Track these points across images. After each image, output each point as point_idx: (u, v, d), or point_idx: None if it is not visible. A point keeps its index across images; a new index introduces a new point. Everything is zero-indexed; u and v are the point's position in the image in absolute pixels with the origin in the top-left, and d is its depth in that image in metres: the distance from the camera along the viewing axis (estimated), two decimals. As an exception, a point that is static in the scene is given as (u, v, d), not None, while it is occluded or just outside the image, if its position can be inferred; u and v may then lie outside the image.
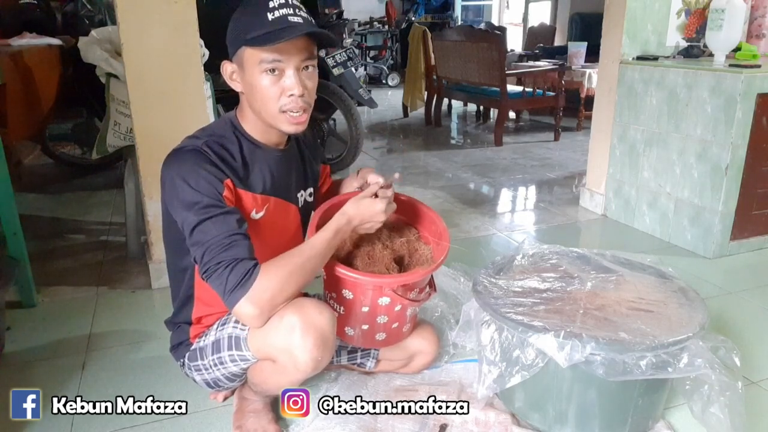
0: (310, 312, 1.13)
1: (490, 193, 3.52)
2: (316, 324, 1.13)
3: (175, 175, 1.14)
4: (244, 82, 1.18)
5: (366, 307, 1.30)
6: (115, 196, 3.23)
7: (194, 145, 1.17)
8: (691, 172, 2.43)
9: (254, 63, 1.14)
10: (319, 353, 1.13)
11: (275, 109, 1.17)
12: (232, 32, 1.16)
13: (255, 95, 1.17)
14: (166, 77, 1.97)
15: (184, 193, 1.12)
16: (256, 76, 1.15)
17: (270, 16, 1.11)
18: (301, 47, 1.15)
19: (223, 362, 1.26)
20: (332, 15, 5.84)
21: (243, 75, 1.18)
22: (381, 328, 1.35)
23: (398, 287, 1.27)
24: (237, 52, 1.16)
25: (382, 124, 5.96)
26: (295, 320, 1.11)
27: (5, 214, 1.86)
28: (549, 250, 1.64)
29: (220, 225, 1.10)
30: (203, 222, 1.10)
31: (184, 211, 1.12)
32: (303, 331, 1.11)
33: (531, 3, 8.66)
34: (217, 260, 1.08)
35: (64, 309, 2.02)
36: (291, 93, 1.15)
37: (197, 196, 1.11)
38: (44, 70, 2.92)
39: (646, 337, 1.20)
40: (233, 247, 1.09)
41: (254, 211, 1.25)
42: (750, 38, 2.80)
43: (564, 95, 4.89)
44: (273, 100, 1.16)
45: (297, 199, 1.38)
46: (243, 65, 1.16)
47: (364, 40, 9.04)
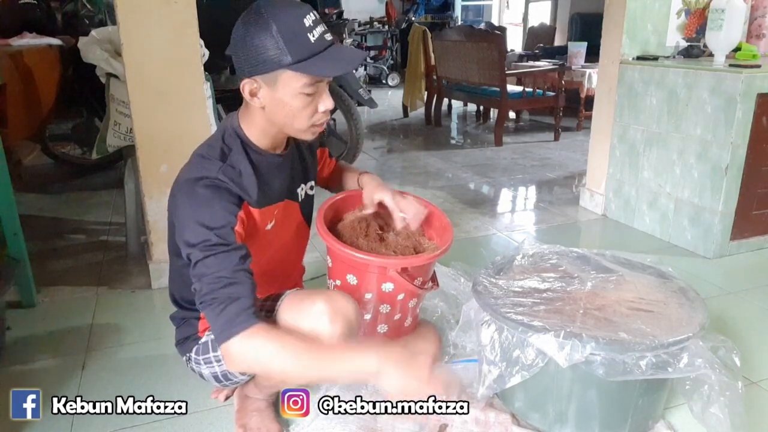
0: (338, 300, 1.17)
1: (490, 193, 3.52)
2: (344, 311, 1.16)
3: (188, 207, 1.12)
4: (272, 99, 1.14)
5: (370, 293, 1.31)
6: (115, 196, 3.23)
7: (210, 176, 1.13)
8: (691, 172, 2.43)
9: (295, 85, 1.11)
10: (344, 340, 1.15)
11: (306, 125, 1.18)
12: (259, 52, 1.09)
13: (285, 112, 1.15)
14: (166, 77, 1.97)
15: (194, 227, 1.09)
16: (292, 96, 1.13)
17: (311, 37, 1.09)
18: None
19: None
20: (332, 15, 5.84)
21: (273, 93, 1.13)
22: (383, 318, 1.37)
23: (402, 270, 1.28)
24: (271, 73, 1.10)
25: (382, 124, 5.96)
26: (324, 307, 1.14)
27: (5, 214, 1.86)
28: (549, 250, 1.64)
29: (224, 261, 1.07)
30: (207, 258, 1.08)
31: (190, 247, 1.09)
32: (332, 317, 1.14)
33: (531, 3, 8.66)
34: (213, 296, 1.06)
35: (64, 309, 2.02)
36: (326, 109, 1.17)
37: (207, 234, 1.08)
38: (44, 70, 2.92)
39: (646, 337, 1.20)
40: (233, 285, 1.06)
41: (268, 224, 1.26)
42: (750, 38, 2.80)
43: (564, 95, 4.89)
44: (307, 118, 1.17)
45: (298, 195, 1.40)
46: (276, 85, 1.12)
47: (364, 40, 9.03)
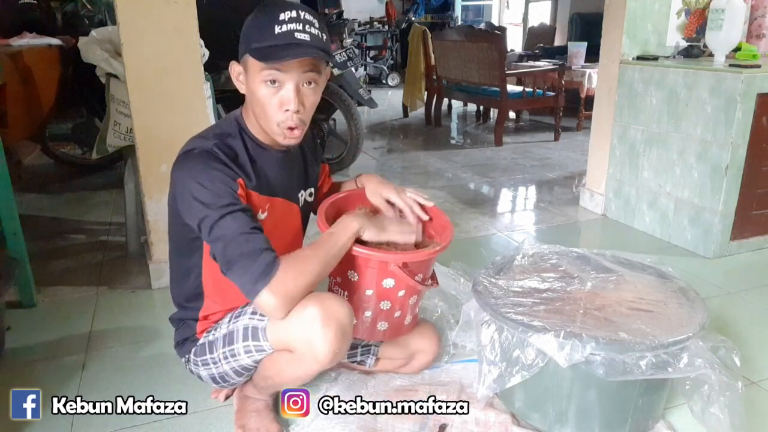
0: (330, 304, 1.15)
1: (490, 193, 3.52)
2: (337, 316, 1.15)
3: (188, 176, 1.15)
4: (248, 87, 1.20)
5: (370, 290, 1.31)
6: (115, 196, 3.23)
7: (204, 146, 1.18)
8: (691, 172, 2.43)
9: (256, 72, 1.15)
10: (338, 345, 1.15)
11: (272, 120, 1.19)
12: (243, 35, 1.17)
13: (255, 102, 1.20)
14: (166, 77, 1.97)
15: (200, 194, 1.13)
16: (257, 84, 1.16)
17: (277, 29, 1.11)
18: (304, 63, 1.15)
19: (236, 354, 1.26)
20: (332, 15, 5.85)
21: (247, 80, 1.20)
22: (383, 316, 1.36)
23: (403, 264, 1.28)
24: (243, 58, 1.18)
25: (382, 124, 5.96)
26: (316, 312, 1.13)
27: (5, 214, 1.86)
28: (549, 250, 1.64)
29: (239, 220, 1.12)
30: (223, 218, 1.12)
31: (202, 210, 1.13)
32: (324, 322, 1.13)
33: (531, 3, 8.66)
34: (239, 252, 1.10)
35: (64, 309, 2.02)
36: (287, 108, 1.17)
37: (213, 196, 1.13)
38: (44, 70, 2.92)
39: (646, 337, 1.20)
40: (253, 240, 1.12)
41: (260, 211, 1.26)
42: (750, 38, 2.80)
43: (564, 95, 4.89)
44: (270, 111, 1.18)
45: (298, 199, 1.40)
46: (247, 70, 1.19)
47: (364, 40, 9.04)
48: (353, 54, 3.85)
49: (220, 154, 1.17)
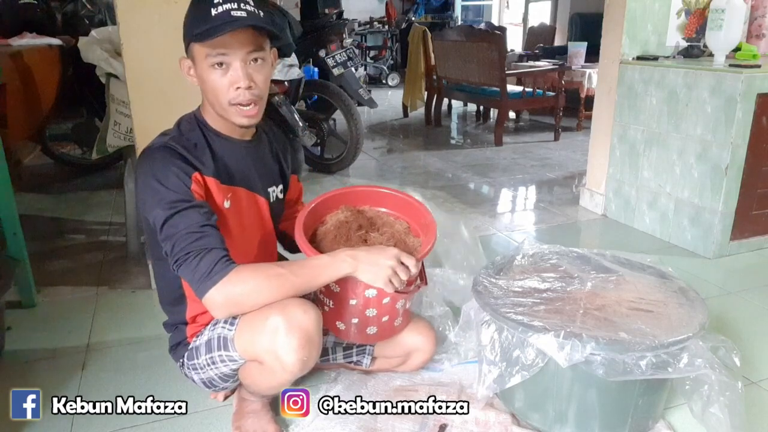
0: (293, 312, 1.13)
1: (490, 193, 3.52)
2: (301, 324, 1.13)
3: (145, 173, 1.17)
4: (199, 77, 1.21)
5: (354, 299, 1.29)
6: (115, 196, 3.23)
7: (161, 142, 1.21)
8: (691, 172, 2.43)
9: (202, 58, 1.17)
10: (304, 353, 1.14)
11: (225, 102, 1.20)
12: (184, 28, 1.20)
13: (207, 89, 1.21)
14: (166, 77, 1.96)
15: (153, 191, 1.14)
16: (205, 70, 1.18)
17: (213, 11, 1.13)
18: (246, 40, 1.16)
19: (215, 362, 1.26)
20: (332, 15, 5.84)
21: (197, 70, 1.21)
22: (371, 321, 1.33)
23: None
24: (188, 48, 1.20)
25: (382, 124, 5.96)
26: (279, 321, 1.12)
27: (5, 214, 1.86)
28: (549, 250, 1.64)
29: (189, 217, 1.13)
30: (172, 216, 1.12)
31: (154, 209, 1.14)
32: (287, 332, 1.12)
33: (531, 3, 8.66)
34: (187, 250, 1.10)
35: (64, 309, 2.02)
36: (237, 86, 1.18)
37: (166, 193, 1.14)
38: (44, 70, 2.92)
39: (646, 337, 1.20)
40: (203, 237, 1.12)
41: (224, 200, 1.26)
42: (750, 38, 2.80)
43: (564, 95, 4.89)
44: (222, 93, 1.19)
45: (268, 194, 1.39)
46: (194, 60, 1.20)
47: (364, 40, 9.03)
48: (353, 54, 3.85)
49: (178, 147, 1.19)
